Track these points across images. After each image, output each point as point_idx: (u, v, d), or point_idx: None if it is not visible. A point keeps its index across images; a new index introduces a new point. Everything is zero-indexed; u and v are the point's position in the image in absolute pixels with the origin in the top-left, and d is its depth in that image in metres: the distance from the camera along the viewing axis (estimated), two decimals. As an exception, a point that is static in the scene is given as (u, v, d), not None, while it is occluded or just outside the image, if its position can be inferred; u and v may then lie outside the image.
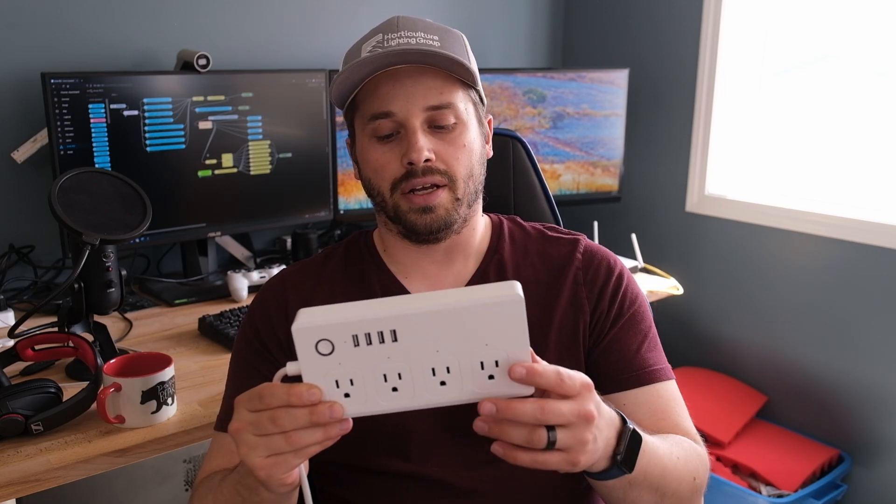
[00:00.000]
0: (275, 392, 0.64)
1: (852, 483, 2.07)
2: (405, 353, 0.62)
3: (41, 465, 1.02)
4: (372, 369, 0.63)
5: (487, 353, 0.62)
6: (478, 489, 0.89)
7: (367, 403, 0.64)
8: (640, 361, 0.93)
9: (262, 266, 1.91)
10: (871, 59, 2.02)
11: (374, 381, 0.63)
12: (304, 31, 2.07)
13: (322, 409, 0.63)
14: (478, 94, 0.94)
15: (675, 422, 0.93)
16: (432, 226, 0.89)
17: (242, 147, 1.80)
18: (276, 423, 0.64)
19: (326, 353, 0.62)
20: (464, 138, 0.90)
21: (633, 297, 0.96)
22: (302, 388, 0.63)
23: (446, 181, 0.88)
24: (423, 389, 0.63)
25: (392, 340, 0.62)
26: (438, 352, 0.62)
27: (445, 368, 0.63)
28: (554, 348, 0.92)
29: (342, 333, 0.62)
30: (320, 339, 0.62)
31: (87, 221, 1.22)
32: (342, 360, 0.62)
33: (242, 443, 0.66)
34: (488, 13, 2.42)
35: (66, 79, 1.55)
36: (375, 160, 0.90)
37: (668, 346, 1.02)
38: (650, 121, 2.42)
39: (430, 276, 0.96)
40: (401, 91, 0.87)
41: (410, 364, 0.63)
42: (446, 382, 0.63)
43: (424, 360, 0.63)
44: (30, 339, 1.19)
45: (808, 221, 2.06)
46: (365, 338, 0.62)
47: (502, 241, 0.98)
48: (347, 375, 0.63)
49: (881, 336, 1.97)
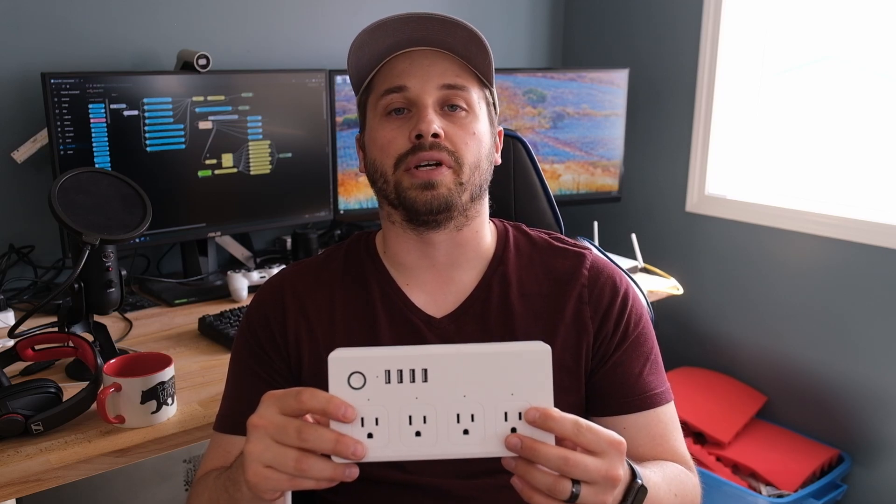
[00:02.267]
0: (316, 395, 0.63)
1: (852, 483, 2.07)
2: (433, 394, 0.63)
3: (41, 465, 1.02)
4: (399, 409, 0.63)
5: (512, 404, 0.63)
6: (474, 496, 0.89)
7: (388, 447, 0.64)
8: (643, 385, 0.92)
9: (262, 266, 1.91)
10: (871, 59, 2.02)
11: (399, 423, 0.63)
12: (304, 31, 2.07)
13: (348, 441, 0.62)
14: (492, 96, 0.94)
15: (672, 446, 0.92)
16: (432, 203, 0.86)
17: (242, 147, 1.80)
18: (300, 437, 0.62)
19: (358, 386, 0.63)
20: (474, 126, 0.89)
21: (638, 317, 0.95)
22: (340, 401, 0.62)
23: (452, 161, 0.87)
24: (446, 437, 0.64)
25: (423, 380, 0.63)
26: (465, 397, 0.63)
27: (470, 416, 0.63)
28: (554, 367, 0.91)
29: (376, 367, 0.63)
30: (354, 371, 0.63)
31: (87, 221, 1.22)
32: (371, 395, 0.63)
33: (256, 439, 0.65)
34: (488, 13, 2.42)
35: (66, 79, 1.55)
36: (383, 136, 0.89)
37: (668, 346, 1.02)
38: (650, 121, 2.42)
39: (431, 284, 0.93)
40: (417, 69, 0.87)
41: (437, 407, 0.63)
42: (469, 431, 0.63)
43: (451, 405, 0.63)
44: (30, 339, 1.19)
45: (808, 221, 2.06)
46: (397, 374, 0.62)
47: (507, 251, 0.96)
48: (374, 414, 0.63)
49: (881, 336, 1.97)
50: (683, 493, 0.87)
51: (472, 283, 0.94)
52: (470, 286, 0.94)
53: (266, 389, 0.92)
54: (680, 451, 0.93)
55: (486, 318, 0.92)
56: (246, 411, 0.92)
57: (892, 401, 1.97)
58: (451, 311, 0.92)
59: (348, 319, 0.93)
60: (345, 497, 0.93)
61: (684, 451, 0.94)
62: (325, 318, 0.93)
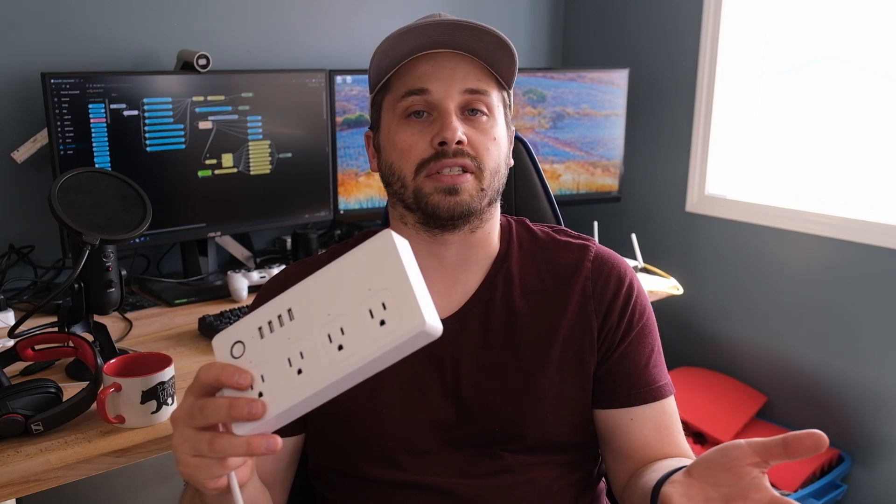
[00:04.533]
0: (210, 367, 0.62)
1: (852, 483, 2.07)
2: (302, 327, 0.61)
3: (41, 465, 1.02)
4: (278, 357, 0.61)
5: (373, 299, 0.59)
6: (477, 496, 0.88)
7: (281, 398, 0.61)
8: (648, 378, 0.92)
9: (262, 266, 1.91)
10: (871, 59, 2.02)
11: (283, 370, 0.61)
12: (304, 31, 2.07)
13: (241, 403, 0.59)
14: (509, 98, 0.93)
15: (675, 438, 0.93)
16: (455, 209, 0.86)
17: (242, 147, 1.80)
18: (203, 414, 0.61)
19: (239, 354, 0.62)
20: (495, 131, 0.89)
21: (643, 309, 0.94)
22: (234, 368, 0.61)
23: (475, 167, 0.86)
24: (327, 361, 0.60)
25: (289, 319, 0.61)
26: (330, 315, 0.60)
27: (340, 330, 0.60)
28: (557, 363, 0.90)
29: (250, 329, 0.62)
30: (234, 341, 0.62)
31: (87, 221, 1.22)
32: (253, 357, 0.62)
33: (177, 433, 0.63)
34: (488, 13, 2.42)
35: (66, 79, 1.55)
36: (403, 141, 0.87)
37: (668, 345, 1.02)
38: (650, 121, 2.42)
39: (436, 284, 0.92)
40: (440, 72, 0.86)
41: (308, 337, 0.61)
42: (343, 346, 0.60)
43: (320, 329, 0.61)
44: (30, 339, 1.19)
45: (808, 221, 2.06)
46: (267, 326, 0.62)
47: (511, 248, 0.96)
48: (259, 372, 0.62)
49: (881, 336, 1.97)
50: None
51: (476, 283, 0.94)
52: (474, 286, 0.93)
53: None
54: (680, 441, 0.93)
55: (488, 317, 0.92)
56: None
57: (892, 401, 1.97)
58: (455, 311, 0.92)
59: None
60: (344, 497, 0.93)
61: (684, 442, 0.94)
62: None
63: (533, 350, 0.90)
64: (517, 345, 0.90)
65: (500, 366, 0.90)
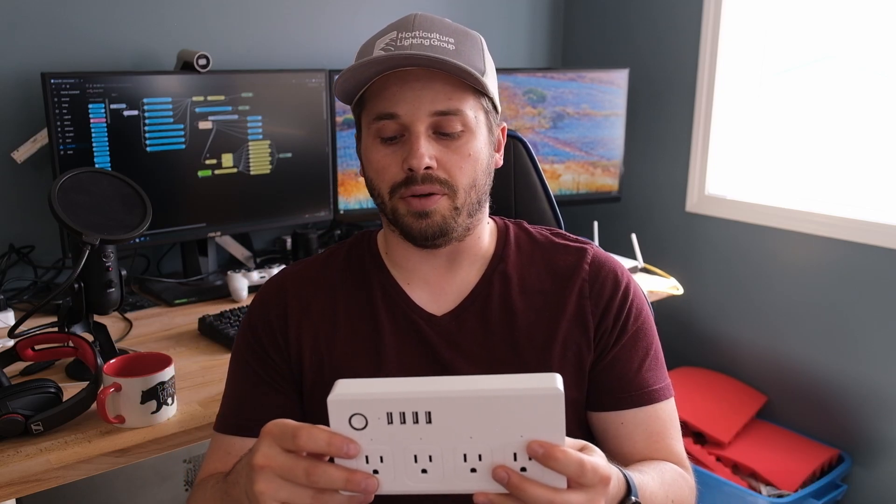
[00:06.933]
0: (313, 435, 0.62)
1: (852, 483, 2.07)
2: (438, 435, 0.61)
3: (41, 465, 1.02)
4: (403, 448, 0.62)
5: (521, 445, 0.61)
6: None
7: (394, 482, 0.63)
8: (641, 381, 0.92)
9: (262, 266, 1.91)
10: (871, 59, 2.02)
11: (404, 461, 0.62)
12: (304, 31, 2.07)
13: (359, 477, 0.61)
14: (491, 102, 0.91)
15: (668, 444, 0.92)
16: (427, 231, 0.86)
17: (242, 147, 1.80)
18: (310, 479, 0.62)
19: (360, 427, 0.61)
20: (469, 147, 0.87)
21: (638, 311, 0.94)
22: (342, 439, 0.61)
23: (446, 191, 0.86)
24: (453, 475, 0.62)
25: (426, 422, 0.61)
26: (472, 438, 0.61)
27: (477, 456, 0.62)
28: (557, 363, 0.90)
29: (377, 409, 0.61)
30: (354, 413, 0.61)
31: (87, 221, 1.22)
32: (374, 436, 0.61)
33: (266, 480, 0.63)
34: (488, 13, 2.42)
35: (66, 79, 1.55)
36: (377, 161, 0.88)
37: (668, 346, 1.02)
38: (650, 121, 2.42)
39: (432, 283, 0.94)
40: (409, 93, 0.84)
41: (442, 448, 0.62)
42: (477, 470, 0.62)
43: (457, 446, 0.62)
44: (30, 339, 1.19)
45: (808, 221, 2.06)
46: (399, 416, 0.61)
47: (508, 248, 0.96)
48: (378, 452, 0.62)
49: (881, 336, 1.97)
50: (681, 499, 0.87)
51: (472, 281, 0.94)
52: (471, 284, 0.94)
53: (267, 390, 0.93)
54: (677, 449, 0.93)
55: (486, 315, 0.92)
56: (247, 411, 0.93)
57: (892, 401, 1.97)
58: (452, 308, 0.93)
59: (350, 319, 0.93)
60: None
61: (681, 450, 0.94)
62: (327, 318, 0.93)
63: (532, 350, 0.90)
64: (516, 343, 0.91)
65: (499, 363, 0.90)
